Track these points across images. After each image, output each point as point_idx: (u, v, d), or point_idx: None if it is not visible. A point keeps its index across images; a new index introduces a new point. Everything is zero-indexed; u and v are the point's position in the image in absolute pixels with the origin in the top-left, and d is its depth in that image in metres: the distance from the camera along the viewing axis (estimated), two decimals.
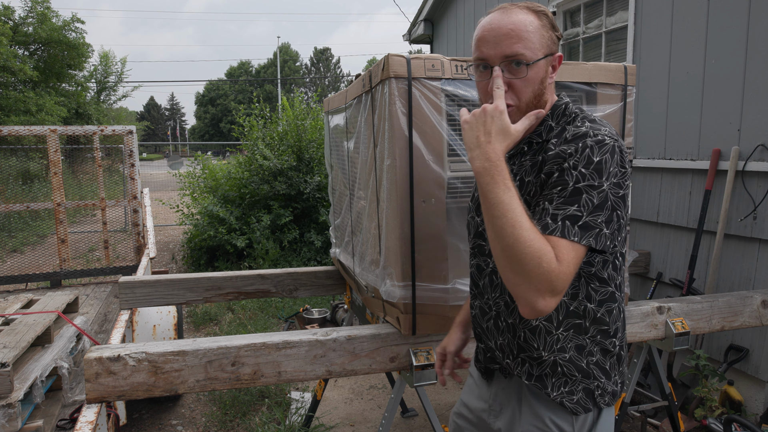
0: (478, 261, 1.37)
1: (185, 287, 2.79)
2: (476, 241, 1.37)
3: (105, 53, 22.56)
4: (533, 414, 1.27)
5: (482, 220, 1.29)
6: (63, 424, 2.31)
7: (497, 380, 1.38)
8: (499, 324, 1.31)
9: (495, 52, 1.20)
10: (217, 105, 56.04)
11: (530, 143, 1.28)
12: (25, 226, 8.44)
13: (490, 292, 1.33)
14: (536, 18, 1.22)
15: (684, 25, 3.49)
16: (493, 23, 1.21)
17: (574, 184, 1.10)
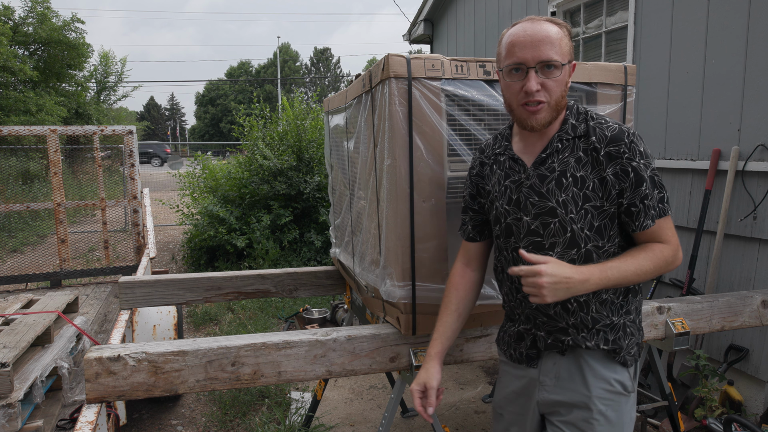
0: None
1: (185, 287, 2.79)
2: (530, 238, 1.50)
3: (105, 53, 22.54)
4: (599, 378, 1.48)
5: (531, 219, 1.48)
6: (63, 424, 2.31)
7: (547, 360, 1.55)
8: (568, 307, 1.48)
9: (532, 56, 1.37)
10: (217, 105, 56.03)
11: (561, 140, 1.46)
12: (25, 226, 8.44)
13: None
14: (560, 29, 1.41)
15: (684, 25, 3.49)
16: (527, 31, 1.39)
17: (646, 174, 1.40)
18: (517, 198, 1.51)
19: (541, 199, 1.46)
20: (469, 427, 3.31)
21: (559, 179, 1.44)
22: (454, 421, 3.36)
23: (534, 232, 1.48)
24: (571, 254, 1.45)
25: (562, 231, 1.44)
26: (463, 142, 1.87)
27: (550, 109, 1.41)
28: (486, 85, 1.89)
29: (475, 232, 1.71)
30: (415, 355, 1.93)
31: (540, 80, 1.38)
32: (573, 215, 1.43)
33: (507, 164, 1.56)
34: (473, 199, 1.69)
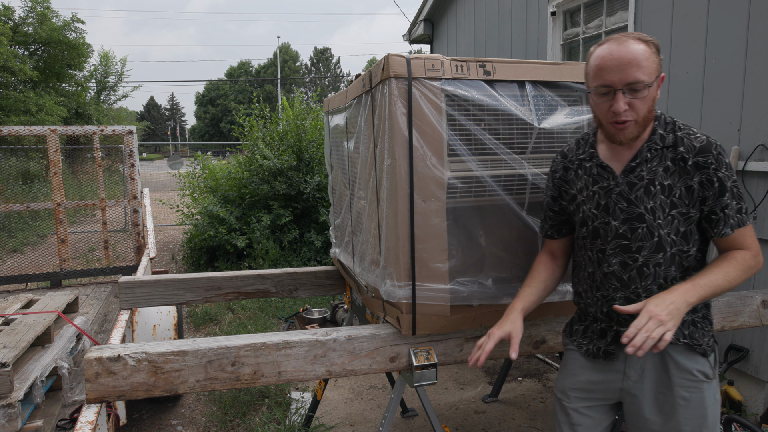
0: (621, 259, 1.59)
1: (185, 287, 2.79)
2: (617, 242, 1.59)
3: (105, 53, 22.56)
4: (682, 370, 1.57)
5: (619, 224, 1.57)
6: (63, 424, 2.31)
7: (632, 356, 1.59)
8: None
9: (619, 79, 1.44)
10: (217, 105, 56.03)
11: (650, 150, 1.54)
12: (25, 226, 8.44)
13: (639, 281, 1.57)
14: (647, 47, 1.46)
15: (684, 25, 3.49)
16: (614, 54, 1.45)
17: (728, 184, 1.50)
18: (606, 203, 1.60)
19: (629, 206, 1.55)
20: (469, 427, 3.31)
21: (648, 187, 1.53)
22: (454, 421, 3.37)
23: (622, 236, 1.58)
24: (657, 258, 1.55)
25: (649, 236, 1.54)
26: (463, 142, 1.87)
27: (637, 125, 1.49)
28: (486, 85, 1.89)
29: (553, 230, 1.81)
30: (415, 355, 1.93)
31: (627, 100, 1.45)
32: (660, 221, 1.53)
33: (594, 171, 1.63)
34: (554, 201, 1.77)
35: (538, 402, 3.62)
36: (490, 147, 1.90)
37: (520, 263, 2.02)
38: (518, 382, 3.92)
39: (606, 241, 1.61)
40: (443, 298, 1.89)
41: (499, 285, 1.98)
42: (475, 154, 1.89)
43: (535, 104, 1.94)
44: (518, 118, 1.92)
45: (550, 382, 3.91)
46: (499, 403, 3.59)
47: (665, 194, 1.52)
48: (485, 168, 1.90)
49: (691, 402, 1.56)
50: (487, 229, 1.95)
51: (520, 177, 1.95)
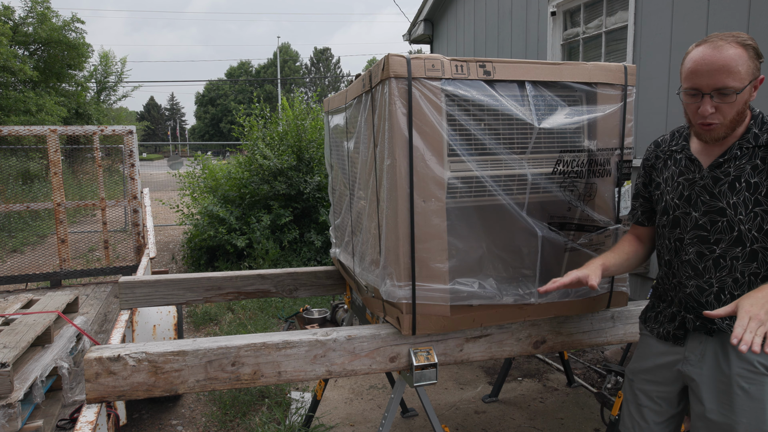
0: (697, 249, 1.64)
1: (185, 287, 2.79)
2: (696, 232, 1.64)
3: (105, 53, 22.55)
4: (743, 360, 1.57)
5: (700, 216, 1.62)
6: (63, 424, 2.31)
7: (694, 339, 1.67)
8: (721, 297, 1.61)
9: (708, 83, 1.48)
10: (217, 105, 56.02)
11: (741, 148, 1.56)
12: (25, 226, 8.44)
13: (714, 272, 1.61)
14: (744, 51, 1.47)
15: (684, 25, 3.49)
16: (705, 58, 1.48)
17: None
18: (688, 195, 1.66)
19: (712, 199, 1.60)
20: (469, 427, 3.31)
21: (733, 183, 1.57)
22: (454, 421, 3.37)
23: (701, 227, 1.63)
24: (735, 251, 1.58)
25: (729, 230, 1.58)
26: (463, 142, 1.87)
27: (724, 127, 1.53)
28: (486, 85, 1.89)
29: (644, 217, 1.88)
30: (415, 355, 1.93)
31: (715, 104, 1.49)
32: (742, 217, 1.56)
33: (683, 162, 1.69)
34: (645, 188, 1.86)
35: (538, 402, 3.62)
36: (490, 147, 1.90)
37: (520, 263, 2.02)
38: (518, 382, 3.92)
39: (685, 231, 1.67)
40: (443, 298, 1.89)
41: (499, 285, 1.98)
42: (475, 154, 1.89)
43: (535, 104, 1.94)
44: (518, 118, 1.92)
45: (550, 382, 3.91)
46: (499, 403, 3.59)
47: (750, 191, 1.55)
48: (485, 168, 1.90)
49: (750, 394, 1.56)
50: (487, 229, 1.95)
51: (520, 177, 1.95)
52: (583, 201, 2.06)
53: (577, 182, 2.04)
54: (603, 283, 2.14)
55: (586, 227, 2.06)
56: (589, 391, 3.74)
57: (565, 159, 2.01)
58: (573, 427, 3.29)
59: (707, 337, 1.66)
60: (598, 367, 4.06)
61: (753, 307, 1.37)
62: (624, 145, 2.10)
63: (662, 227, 1.76)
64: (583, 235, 2.06)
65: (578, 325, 2.20)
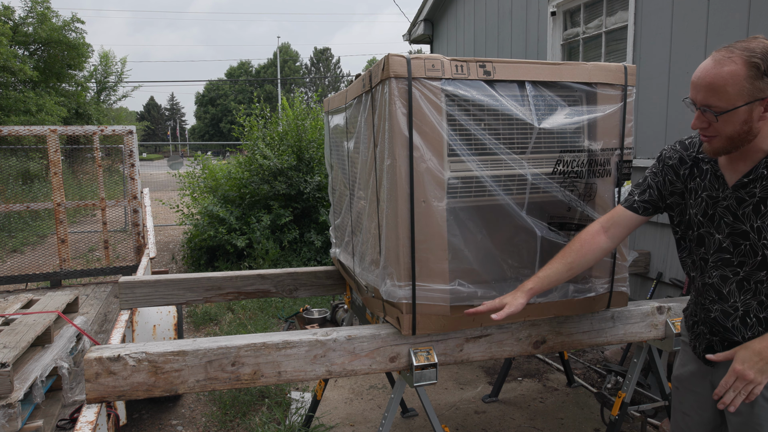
0: (721, 272, 1.58)
1: (185, 287, 2.79)
2: (719, 255, 1.58)
3: (105, 53, 22.56)
4: None
5: (723, 238, 1.55)
6: (63, 424, 2.31)
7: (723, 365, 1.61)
8: (747, 321, 1.55)
9: (696, 98, 1.45)
10: (217, 105, 56.02)
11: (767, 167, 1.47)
12: (25, 226, 8.44)
13: (738, 296, 1.55)
14: (745, 70, 1.37)
15: (684, 25, 3.49)
16: (701, 71, 1.43)
17: None
18: (712, 214, 1.58)
19: (735, 221, 1.53)
20: (469, 427, 3.31)
21: (758, 205, 1.48)
22: (454, 421, 3.37)
23: (724, 250, 1.56)
24: (760, 275, 1.51)
25: (752, 254, 1.51)
26: (463, 142, 1.87)
27: (723, 141, 1.46)
28: (486, 85, 1.89)
29: (640, 205, 1.76)
30: (415, 355, 1.93)
31: (706, 120, 1.45)
32: (766, 241, 1.48)
33: (708, 177, 1.60)
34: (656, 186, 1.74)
35: (538, 402, 3.62)
36: (490, 147, 1.90)
37: (520, 263, 2.02)
38: (518, 382, 3.92)
39: (709, 252, 1.61)
40: (443, 298, 1.89)
41: (499, 285, 1.98)
42: (475, 154, 1.89)
43: (535, 104, 1.94)
44: (518, 118, 1.92)
45: (550, 382, 3.91)
46: (499, 403, 3.59)
47: None
48: (485, 168, 1.90)
49: None
50: (487, 229, 1.95)
51: (520, 177, 1.95)
52: (583, 201, 2.06)
53: (577, 182, 2.04)
54: (603, 283, 2.14)
55: (586, 227, 2.06)
56: (589, 391, 3.74)
57: (565, 159, 2.01)
58: (573, 427, 3.29)
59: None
60: (598, 367, 4.06)
61: (744, 364, 1.42)
62: (624, 145, 2.10)
63: (688, 241, 1.69)
64: None
65: (578, 325, 2.20)
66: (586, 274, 2.11)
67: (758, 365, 1.42)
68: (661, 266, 3.73)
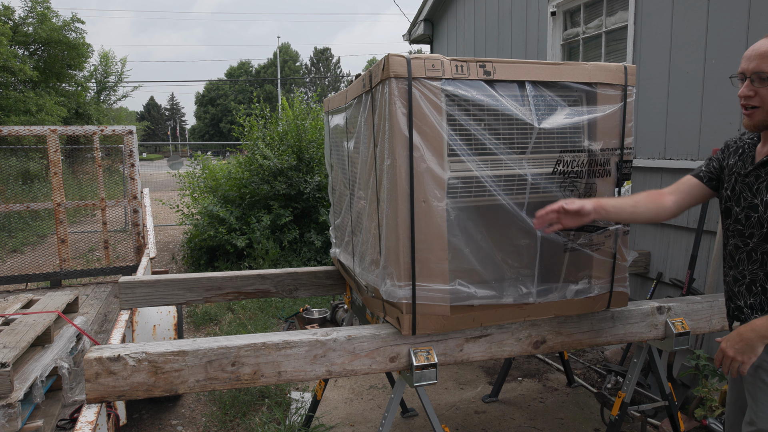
0: (735, 241, 1.73)
1: (185, 287, 2.79)
2: (735, 226, 1.73)
3: (105, 53, 22.56)
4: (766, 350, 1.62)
5: (741, 209, 1.69)
6: (63, 424, 2.31)
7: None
8: (752, 288, 1.69)
9: (749, 67, 1.56)
10: (217, 105, 56.01)
11: None
12: (25, 226, 8.44)
13: (747, 264, 1.69)
14: None
15: (684, 25, 3.49)
16: (755, 46, 1.56)
17: None
18: (734, 188, 1.74)
19: (751, 195, 1.67)
20: (469, 427, 3.31)
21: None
22: (454, 421, 3.37)
23: (739, 221, 1.71)
24: (765, 247, 1.63)
25: (759, 226, 1.64)
26: (463, 142, 1.87)
27: (763, 112, 1.57)
28: (486, 85, 1.89)
29: (705, 174, 1.86)
30: (415, 355, 1.93)
31: (755, 88, 1.56)
32: None
33: (743, 156, 1.74)
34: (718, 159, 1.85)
35: (538, 402, 3.62)
36: (490, 147, 1.90)
37: (520, 263, 2.02)
38: (518, 382, 3.92)
39: (730, 223, 1.76)
40: (443, 298, 1.90)
41: (499, 285, 1.98)
42: (475, 154, 1.89)
43: (535, 104, 1.94)
44: (518, 118, 1.92)
45: (550, 382, 3.91)
46: (499, 403, 3.59)
47: None
48: (485, 168, 1.90)
49: None
50: (487, 229, 1.95)
51: (520, 177, 1.95)
52: None
53: (577, 182, 2.04)
54: (603, 283, 2.14)
55: (586, 227, 2.06)
56: (589, 391, 3.74)
57: (565, 159, 2.01)
58: (573, 427, 3.29)
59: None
60: (598, 367, 4.06)
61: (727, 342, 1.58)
62: (624, 145, 2.10)
63: (721, 214, 1.83)
64: (582, 235, 2.06)
65: (578, 325, 2.20)
66: (586, 273, 2.11)
67: (737, 345, 1.56)
68: (661, 266, 3.73)
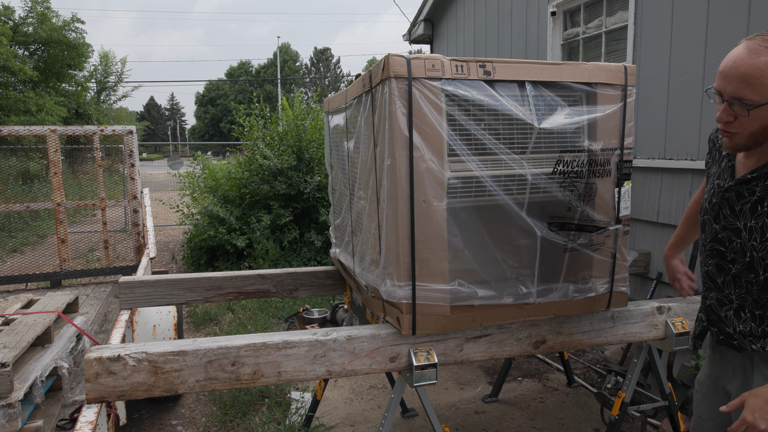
0: (716, 261, 1.56)
1: (185, 287, 2.79)
2: (714, 245, 1.55)
3: (105, 53, 22.56)
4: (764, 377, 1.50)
5: (721, 228, 1.52)
6: (63, 424, 2.31)
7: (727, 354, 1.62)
8: (741, 315, 1.53)
9: (726, 89, 1.34)
10: (217, 105, 56.02)
11: None
12: (25, 226, 8.43)
13: (733, 289, 1.53)
14: None
15: (684, 25, 3.49)
16: (733, 60, 1.33)
17: None
18: (715, 203, 1.55)
19: (731, 215, 1.49)
20: (469, 427, 3.31)
21: (755, 205, 1.43)
22: (454, 421, 3.37)
23: (719, 241, 1.54)
24: (749, 277, 1.47)
25: (741, 253, 1.47)
26: (463, 142, 1.87)
27: (745, 138, 1.39)
28: (486, 86, 1.89)
29: None
30: (415, 355, 1.93)
31: (732, 113, 1.36)
32: (755, 243, 1.43)
33: (723, 164, 1.57)
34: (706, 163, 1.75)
35: (538, 402, 3.62)
36: (490, 147, 1.90)
37: (520, 263, 2.02)
38: (518, 382, 3.92)
39: (707, 240, 1.58)
40: (443, 298, 1.89)
41: (499, 285, 1.98)
42: (475, 154, 1.89)
43: (535, 104, 1.94)
44: (518, 118, 1.92)
45: (550, 382, 3.91)
46: (499, 403, 3.59)
47: None
48: (485, 168, 1.90)
49: None
50: (487, 229, 1.95)
51: (520, 177, 1.95)
52: (583, 201, 2.06)
53: (577, 182, 2.04)
54: (603, 283, 2.14)
55: (586, 227, 2.06)
56: (589, 391, 3.74)
57: (565, 159, 2.01)
58: (573, 427, 3.29)
59: (736, 353, 1.59)
60: (598, 367, 4.06)
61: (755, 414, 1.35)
62: (624, 145, 2.10)
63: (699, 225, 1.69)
64: (582, 236, 2.06)
65: (578, 325, 2.20)
66: (586, 273, 2.11)
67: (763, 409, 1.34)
68: (661, 266, 3.73)
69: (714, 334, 1.62)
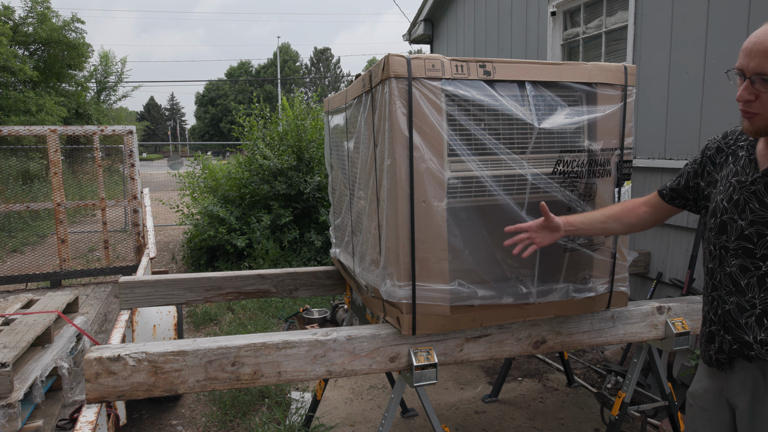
0: (741, 262, 1.46)
1: (185, 287, 2.79)
2: (740, 243, 1.46)
3: (105, 53, 22.56)
4: None
5: (747, 224, 1.42)
6: (63, 424, 2.31)
7: (738, 366, 1.51)
8: (764, 321, 1.42)
9: (749, 65, 1.30)
10: (217, 105, 56.02)
11: None
12: (25, 226, 8.43)
13: (758, 292, 1.43)
14: None
15: (684, 25, 3.49)
16: (756, 37, 1.30)
17: None
18: (737, 199, 1.47)
19: (761, 207, 1.41)
20: (469, 427, 3.31)
21: None
22: (454, 421, 3.37)
23: (746, 238, 1.44)
24: None
25: None
26: (463, 142, 1.87)
27: (763, 119, 1.34)
28: (486, 85, 1.89)
29: (668, 193, 1.75)
30: (415, 355, 1.93)
31: (755, 91, 1.31)
32: None
33: (742, 161, 1.50)
34: (693, 176, 1.68)
35: (538, 402, 3.62)
36: (490, 147, 1.90)
37: (520, 263, 2.02)
38: (518, 382, 3.92)
39: (730, 240, 1.48)
40: (443, 298, 1.89)
41: (499, 285, 1.98)
42: (475, 154, 1.89)
43: (535, 104, 1.94)
44: (518, 118, 1.92)
45: (550, 382, 3.91)
46: (499, 403, 3.59)
47: None
48: (485, 168, 1.90)
49: None
50: (488, 229, 1.95)
51: (520, 177, 1.95)
52: (583, 201, 2.06)
53: (577, 182, 2.04)
54: (603, 283, 2.14)
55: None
56: (589, 391, 3.74)
57: (565, 159, 2.01)
58: (573, 427, 3.29)
59: (748, 364, 1.49)
60: (598, 367, 4.06)
61: None
62: (624, 145, 2.10)
63: (709, 231, 1.56)
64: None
65: (578, 325, 2.20)
66: (586, 273, 2.11)
67: None
68: (661, 266, 3.73)
69: (727, 343, 1.51)
